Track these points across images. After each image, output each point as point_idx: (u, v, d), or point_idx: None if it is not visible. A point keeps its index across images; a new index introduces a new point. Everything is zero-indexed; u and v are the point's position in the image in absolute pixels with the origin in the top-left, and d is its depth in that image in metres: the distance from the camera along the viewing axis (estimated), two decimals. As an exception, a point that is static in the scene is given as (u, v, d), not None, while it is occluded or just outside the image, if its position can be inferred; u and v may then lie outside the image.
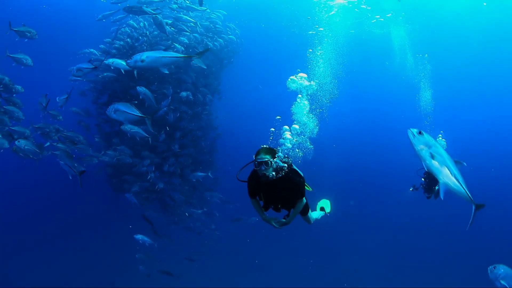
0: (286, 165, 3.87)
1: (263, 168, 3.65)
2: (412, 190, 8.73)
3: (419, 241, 18.19)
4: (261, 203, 4.18)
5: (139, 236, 10.15)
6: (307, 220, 4.90)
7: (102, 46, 10.06)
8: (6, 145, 7.46)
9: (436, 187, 8.19)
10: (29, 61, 7.56)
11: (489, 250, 16.82)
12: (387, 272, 14.90)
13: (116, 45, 9.72)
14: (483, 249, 17.07)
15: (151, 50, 9.58)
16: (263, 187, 3.94)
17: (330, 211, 5.87)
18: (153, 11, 8.10)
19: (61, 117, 8.99)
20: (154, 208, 11.17)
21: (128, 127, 7.92)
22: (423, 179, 8.59)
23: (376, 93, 29.01)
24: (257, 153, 3.73)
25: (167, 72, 6.51)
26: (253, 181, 3.99)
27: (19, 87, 7.53)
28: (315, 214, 5.30)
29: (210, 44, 11.13)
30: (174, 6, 9.87)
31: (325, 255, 15.83)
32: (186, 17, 9.85)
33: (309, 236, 16.48)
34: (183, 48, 9.83)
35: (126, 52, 9.72)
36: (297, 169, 4.18)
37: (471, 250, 17.06)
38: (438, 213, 16.79)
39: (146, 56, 6.07)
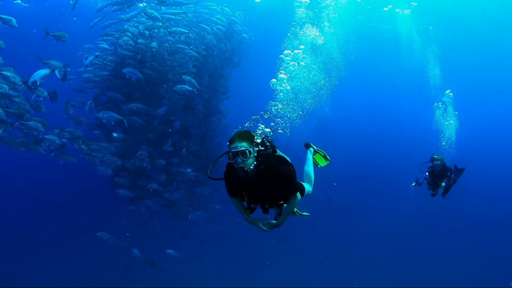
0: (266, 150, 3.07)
1: (239, 161, 2.81)
2: (415, 185, 8.19)
3: (427, 239, 18.04)
4: (245, 203, 3.34)
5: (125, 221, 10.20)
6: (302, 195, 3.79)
7: (102, 42, 10.07)
8: (42, 151, 8.16)
9: (443, 184, 7.81)
10: (61, 66, 7.91)
11: (491, 250, 16.71)
12: (394, 270, 14.77)
13: (120, 42, 9.84)
14: (486, 249, 16.95)
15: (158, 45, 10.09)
16: (243, 184, 3.06)
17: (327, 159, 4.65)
18: None
19: (83, 124, 9.48)
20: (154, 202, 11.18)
21: (101, 113, 8.66)
22: (427, 173, 8.04)
23: (380, 87, 28.75)
24: (231, 141, 2.90)
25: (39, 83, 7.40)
26: (231, 177, 3.11)
27: (43, 91, 7.71)
28: (307, 177, 4.17)
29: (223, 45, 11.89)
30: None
31: (333, 253, 15.73)
32: (175, 10, 9.91)
33: (313, 233, 16.43)
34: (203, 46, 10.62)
35: (131, 49, 9.81)
36: (281, 153, 3.34)
37: (474, 249, 16.95)
38: (443, 211, 16.63)
39: (37, 73, 7.30)
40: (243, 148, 2.81)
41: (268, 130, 4.77)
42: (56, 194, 17.49)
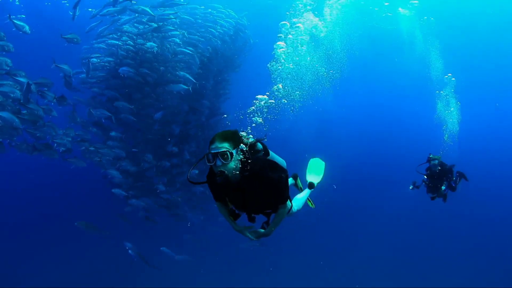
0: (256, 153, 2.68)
1: (218, 163, 2.43)
2: (413, 188, 7.63)
3: (427, 239, 18.01)
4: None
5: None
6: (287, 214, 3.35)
7: (99, 43, 10.06)
8: (56, 155, 8.17)
9: (443, 187, 7.33)
10: (71, 72, 8.37)
11: (491, 250, 16.65)
12: (394, 271, 14.75)
13: (119, 43, 9.88)
14: (487, 249, 16.89)
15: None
16: (226, 189, 2.72)
17: (321, 179, 4.33)
18: None
19: (91, 128, 9.68)
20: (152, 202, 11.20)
21: (94, 111, 9.03)
22: (425, 176, 7.52)
23: (382, 86, 28.70)
24: (211, 141, 2.51)
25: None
26: (213, 180, 2.68)
27: (52, 95, 7.80)
28: (298, 204, 3.80)
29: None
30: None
31: (334, 255, 15.68)
32: (168, 11, 9.96)
33: (313, 234, 16.38)
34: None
35: (132, 49, 9.84)
36: (275, 156, 2.99)
37: (475, 249, 16.88)
38: (443, 211, 16.61)
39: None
40: (223, 150, 2.42)
41: (265, 97, 4.59)
42: (56, 194, 17.54)
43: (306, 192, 4.10)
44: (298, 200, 3.89)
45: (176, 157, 10.81)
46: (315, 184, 4.27)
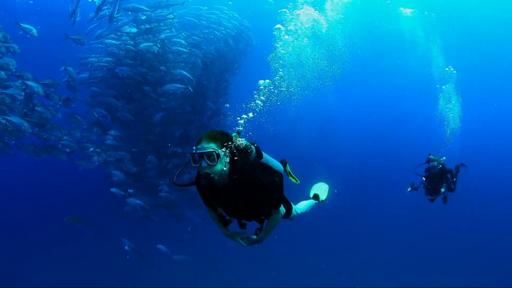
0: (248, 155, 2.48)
1: (204, 165, 2.26)
2: (411, 190, 7.47)
3: (427, 239, 18.00)
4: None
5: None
6: (289, 218, 3.28)
7: (97, 43, 10.06)
8: (65, 158, 8.27)
9: (442, 189, 7.16)
10: (75, 75, 8.61)
11: (491, 250, 16.62)
12: (395, 271, 14.73)
13: (118, 43, 9.83)
14: (487, 249, 16.87)
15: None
16: (213, 193, 2.53)
17: (326, 199, 4.22)
18: None
19: (95, 129, 9.70)
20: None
21: (94, 110, 9.25)
22: (424, 178, 7.33)
23: (383, 86, 28.66)
24: (198, 141, 2.34)
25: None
26: (199, 183, 2.53)
27: (57, 97, 7.83)
28: (301, 208, 3.67)
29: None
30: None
31: (334, 255, 15.65)
32: (165, 12, 9.90)
33: (312, 235, 16.34)
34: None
35: (132, 49, 9.79)
36: (269, 159, 2.83)
37: (475, 248, 16.86)
38: (444, 210, 16.59)
39: None
40: (210, 150, 2.24)
41: (267, 81, 4.54)
42: (56, 194, 17.52)
43: (310, 201, 3.96)
44: (302, 205, 3.76)
45: (177, 157, 10.78)
46: (320, 198, 4.11)
